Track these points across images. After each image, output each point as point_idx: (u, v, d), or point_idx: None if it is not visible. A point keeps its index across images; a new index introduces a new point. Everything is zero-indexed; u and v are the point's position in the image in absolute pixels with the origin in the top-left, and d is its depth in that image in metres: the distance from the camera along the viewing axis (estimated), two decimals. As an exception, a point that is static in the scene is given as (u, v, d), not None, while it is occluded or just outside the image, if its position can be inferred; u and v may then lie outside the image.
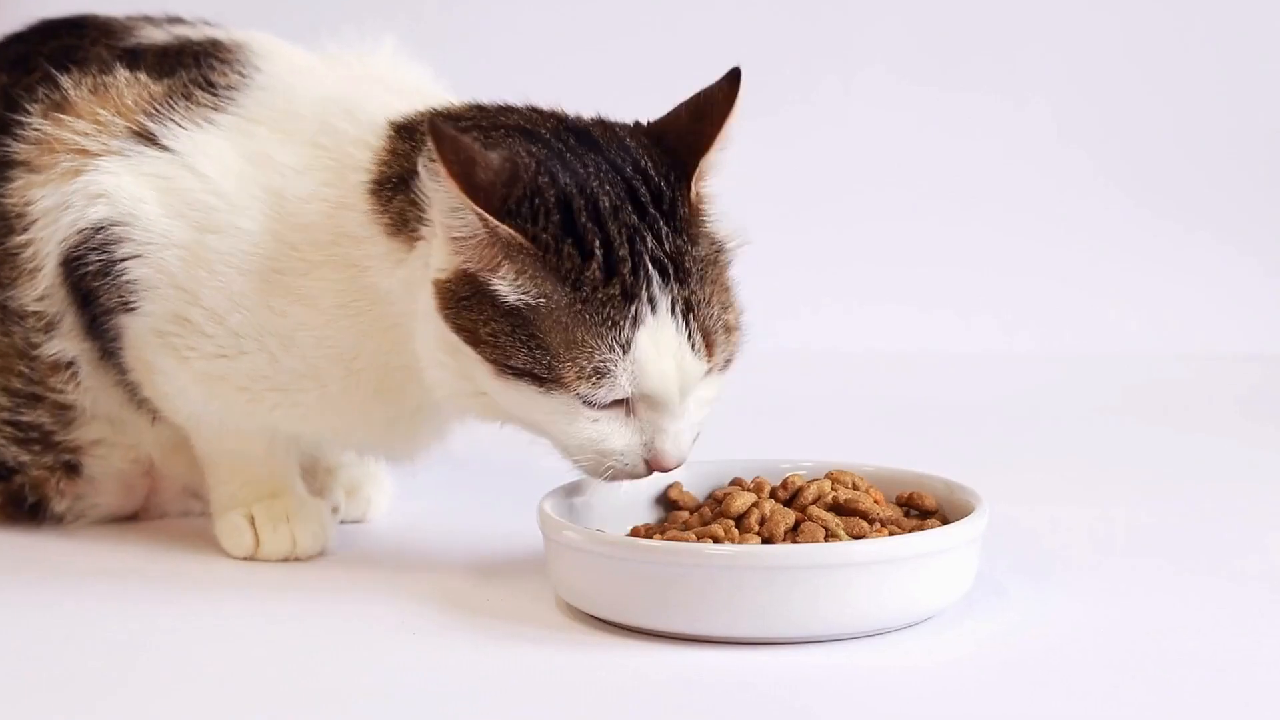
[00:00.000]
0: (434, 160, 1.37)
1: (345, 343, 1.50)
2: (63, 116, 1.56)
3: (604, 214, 1.39)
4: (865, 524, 1.42)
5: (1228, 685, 1.31)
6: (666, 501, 1.51)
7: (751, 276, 1.47)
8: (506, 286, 1.37)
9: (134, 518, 1.70)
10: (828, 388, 2.24)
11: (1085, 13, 2.52)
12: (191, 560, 1.59)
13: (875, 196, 2.51)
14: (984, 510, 1.42)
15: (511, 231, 1.37)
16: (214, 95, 1.56)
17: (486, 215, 1.37)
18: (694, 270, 1.40)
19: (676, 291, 1.39)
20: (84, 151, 1.54)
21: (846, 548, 1.37)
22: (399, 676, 1.33)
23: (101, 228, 1.52)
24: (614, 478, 1.42)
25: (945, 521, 1.45)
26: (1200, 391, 2.24)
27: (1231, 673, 1.33)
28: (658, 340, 1.38)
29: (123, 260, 1.52)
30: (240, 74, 1.58)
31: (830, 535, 1.40)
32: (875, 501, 1.44)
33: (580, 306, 1.37)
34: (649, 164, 1.42)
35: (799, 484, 1.45)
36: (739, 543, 1.39)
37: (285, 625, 1.44)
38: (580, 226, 1.38)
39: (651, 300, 1.38)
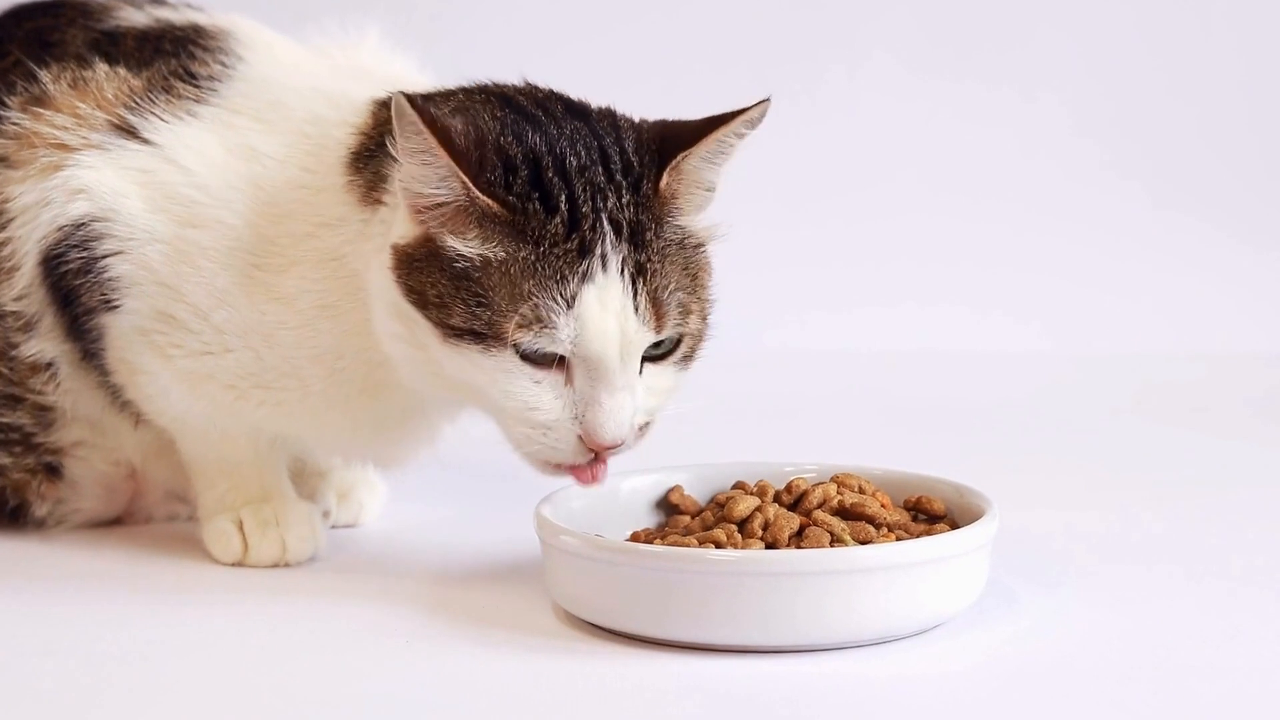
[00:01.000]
0: (406, 132, 1.37)
1: (326, 343, 1.50)
2: (41, 111, 1.56)
3: (570, 171, 1.40)
4: (872, 529, 1.41)
5: (1245, 696, 1.31)
6: (667, 506, 1.51)
7: (755, 274, 1.47)
8: (465, 247, 1.38)
9: (117, 522, 1.70)
10: (833, 388, 2.24)
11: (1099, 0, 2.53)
12: (177, 566, 1.59)
13: (882, 191, 2.52)
14: (994, 515, 1.42)
15: (489, 201, 1.38)
16: (195, 86, 1.56)
17: (469, 183, 1.37)
18: (652, 241, 1.40)
19: (628, 253, 1.39)
20: (63, 146, 1.54)
21: (852, 553, 1.36)
22: (392, 686, 1.33)
23: (82, 224, 1.52)
24: (551, 461, 1.41)
25: (954, 526, 1.45)
26: (1218, 392, 2.24)
27: (1249, 683, 1.33)
28: (604, 299, 1.38)
29: (104, 257, 1.52)
30: (222, 64, 1.58)
31: (836, 540, 1.40)
32: (882, 506, 1.44)
33: (535, 260, 1.37)
34: (631, 141, 1.43)
35: (804, 488, 1.45)
36: (742, 548, 1.39)
37: (274, 633, 1.44)
38: (547, 182, 1.39)
39: (603, 258, 1.38)
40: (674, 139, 1.43)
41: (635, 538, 1.46)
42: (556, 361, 1.39)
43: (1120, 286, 2.46)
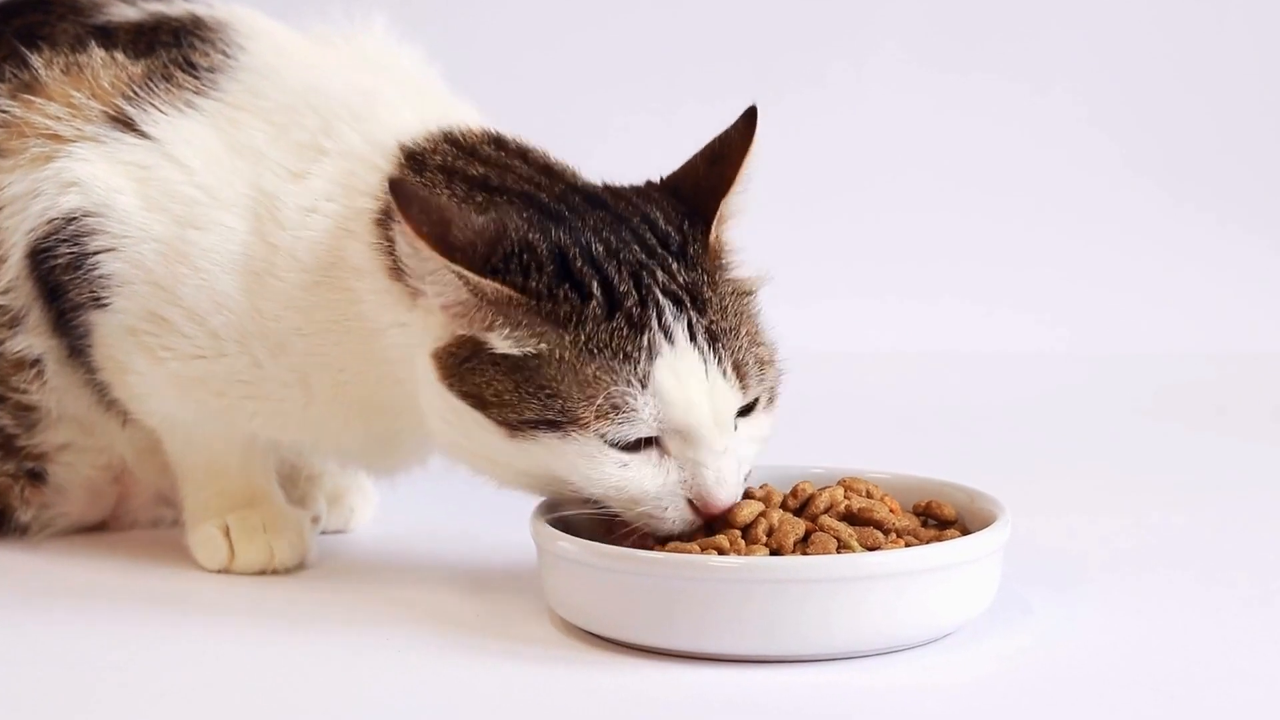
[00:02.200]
0: (405, 226, 1.37)
1: (335, 355, 1.49)
2: (33, 98, 1.55)
3: (600, 257, 1.39)
4: (880, 534, 1.41)
5: (1266, 708, 1.30)
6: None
7: (757, 272, 1.47)
8: (505, 342, 1.38)
9: (102, 526, 1.70)
10: (840, 389, 2.24)
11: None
12: (163, 573, 1.59)
13: (888, 187, 2.53)
14: (1006, 520, 1.42)
15: (498, 286, 1.37)
16: (196, 78, 1.56)
17: (467, 274, 1.37)
18: (713, 301, 1.41)
19: (694, 319, 1.39)
20: (56, 137, 1.54)
21: (860, 559, 1.36)
22: (383, 697, 1.33)
23: (73, 218, 1.52)
24: (666, 530, 1.40)
25: (965, 532, 1.44)
26: (1236, 393, 2.24)
27: (1271, 694, 1.32)
28: (679, 370, 1.38)
29: (95, 253, 1.52)
30: (224, 54, 1.58)
31: (843, 546, 1.40)
32: (891, 510, 1.44)
33: (585, 343, 1.37)
34: (658, 213, 1.43)
35: (810, 492, 1.45)
36: (746, 554, 1.39)
37: (261, 643, 1.43)
38: (576, 270, 1.39)
39: (666, 330, 1.38)
40: (697, 192, 1.43)
41: (635, 543, 1.44)
42: (644, 441, 1.38)
43: (1137, 284, 2.47)
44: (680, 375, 1.38)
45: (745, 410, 1.42)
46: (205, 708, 1.32)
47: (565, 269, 1.38)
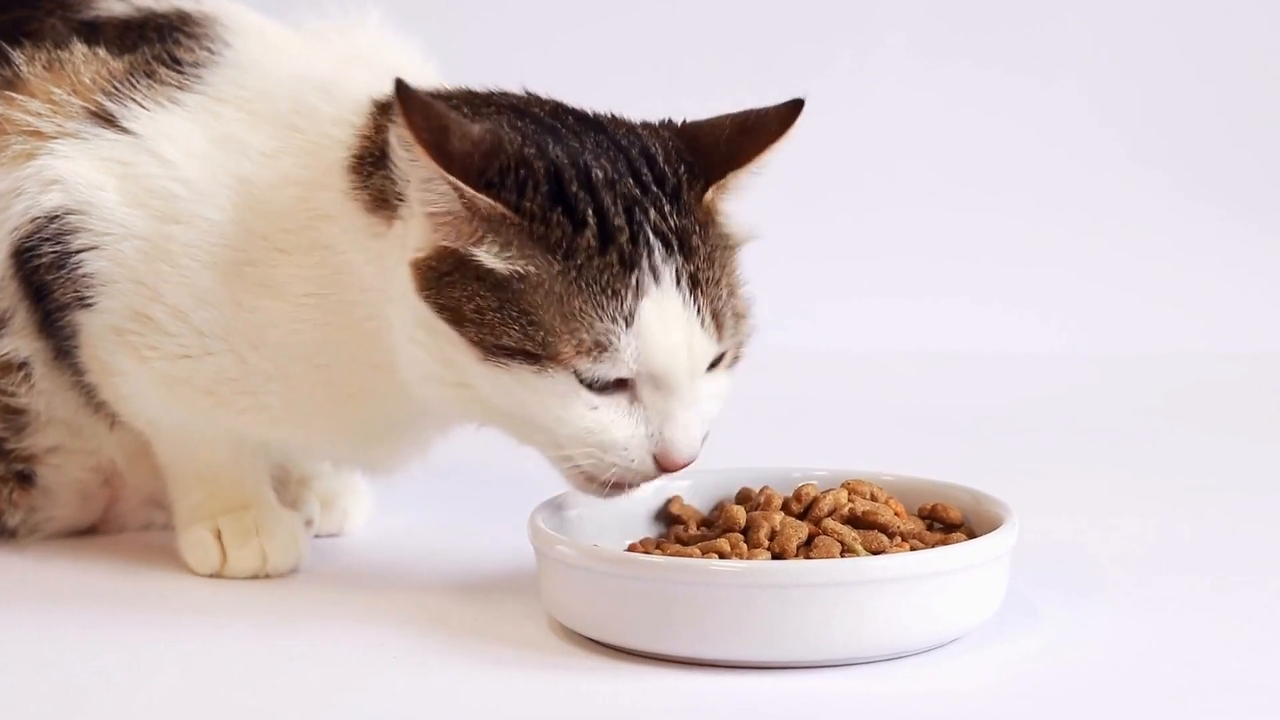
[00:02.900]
0: (403, 128, 1.37)
1: (314, 336, 1.49)
2: (14, 95, 1.55)
3: (598, 184, 1.39)
4: (885, 538, 1.41)
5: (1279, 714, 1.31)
6: (667, 516, 1.51)
7: (762, 270, 1.47)
8: (492, 258, 1.37)
9: (91, 530, 1.70)
10: (843, 390, 2.25)
11: (1120, -20, 2.54)
12: (153, 578, 1.59)
13: (892, 183, 2.53)
14: (1014, 523, 1.42)
15: (491, 202, 1.37)
16: (179, 73, 1.56)
17: (462, 185, 1.37)
18: (700, 248, 1.40)
19: (681, 264, 1.38)
20: (37, 134, 1.54)
21: (864, 564, 1.36)
22: (378, 704, 1.33)
23: (56, 216, 1.52)
24: (617, 484, 1.40)
25: (972, 535, 1.44)
26: (1248, 393, 2.24)
27: (1284, 700, 1.33)
28: (664, 312, 1.37)
29: (79, 252, 1.52)
30: (209, 50, 1.58)
31: (846, 550, 1.40)
32: (896, 514, 1.44)
33: (575, 276, 1.36)
34: (659, 150, 1.43)
35: (813, 495, 1.45)
36: (747, 558, 1.39)
37: (254, 649, 1.43)
38: (571, 195, 1.38)
39: (654, 270, 1.37)
40: (713, 150, 1.43)
41: (634, 548, 1.46)
42: (615, 382, 1.38)
43: (1146, 282, 2.47)
44: (664, 319, 1.37)
45: (712, 365, 1.41)
46: (196, 715, 1.32)
47: (560, 191, 1.38)
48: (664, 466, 1.39)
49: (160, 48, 1.58)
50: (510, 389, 1.38)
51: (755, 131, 1.43)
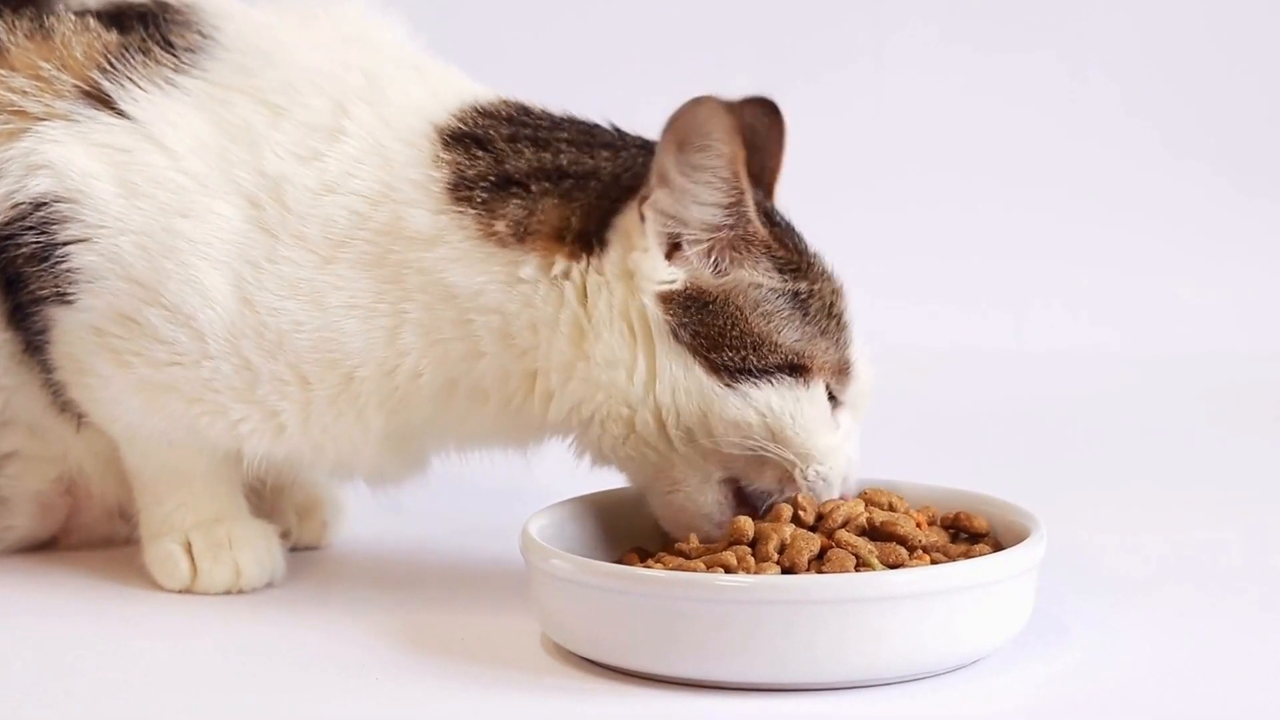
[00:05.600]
0: (734, 161, 1.43)
1: (349, 347, 1.49)
2: None
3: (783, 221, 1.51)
4: (903, 551, 1.41)
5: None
6: (669, 525, 1.52)
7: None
8: (765, 279, 1.46)
9: (51, 543, 1.70)
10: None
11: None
12: (118, 594, 1.59)
13: (913, 177, 2.54)
14: (1042, 535, 1.42)
15: (764, 232, 1.46)
16: (175, 56, 1.55)
17: (750, 208, 1.45)
18: None
19: None
20: (22, 113, 1.53)
21: (881, 579, 1.36)
22: (356, 729, 1.33)
23: (42, 204, 1.51)
24: (823, 496, 1.46)
25: (998, 547, 1.44)
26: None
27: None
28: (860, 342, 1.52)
29: (66, 244, 1.51)
30: (200, 34, 1.57)
31: (862, 564, 1.39)
32: (916, 525, 1.44)
33: (826, 300, 1.48)
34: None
35: (827, 505, 1.44)
36: (755, 573, 1.38)
37: (226, 671, 1.43)
38: (781, 224, 1.49)
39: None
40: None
41: (629, 559, 1.46)
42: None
43: (1184, 280, 2.49)
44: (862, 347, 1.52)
45: None
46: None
47: (769, 217, 1.49)
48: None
49: (150, 30, 1.57)
50: (761, 404, 1.45)
51: (761, 152, 1.53)
